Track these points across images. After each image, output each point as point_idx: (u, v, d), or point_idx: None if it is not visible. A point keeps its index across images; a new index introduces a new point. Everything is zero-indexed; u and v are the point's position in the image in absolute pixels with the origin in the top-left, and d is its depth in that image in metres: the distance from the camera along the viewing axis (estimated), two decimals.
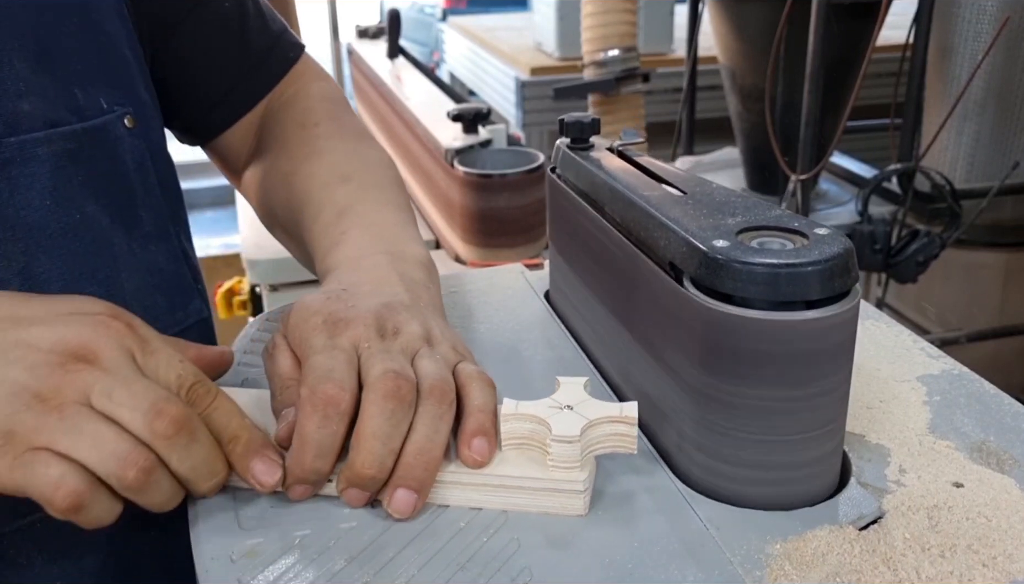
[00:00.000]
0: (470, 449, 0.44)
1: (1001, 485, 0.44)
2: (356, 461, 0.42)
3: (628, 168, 0.53)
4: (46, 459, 0.39)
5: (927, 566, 0.39)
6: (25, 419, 0.40)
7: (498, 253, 1.30)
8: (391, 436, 0.43)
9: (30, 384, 0.40)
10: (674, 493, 0.45)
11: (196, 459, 0.42)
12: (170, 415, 0.41)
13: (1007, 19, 1.79)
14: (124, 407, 0.41)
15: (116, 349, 0.43)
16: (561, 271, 0.62)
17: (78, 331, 0.43)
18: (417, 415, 0.44)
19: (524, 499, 0.44)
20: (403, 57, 2.12)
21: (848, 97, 1.85)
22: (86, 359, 0.42)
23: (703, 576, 0.39)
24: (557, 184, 0.59)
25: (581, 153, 0.56)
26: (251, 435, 0.44)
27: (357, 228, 0.59)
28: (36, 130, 0.52)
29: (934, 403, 0.52)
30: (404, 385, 0.43)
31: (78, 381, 0.41)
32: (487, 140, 1.38)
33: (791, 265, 0.39)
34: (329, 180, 0.64)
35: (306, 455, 0.43)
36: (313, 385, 0.43)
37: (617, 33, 2.05)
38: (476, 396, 0.46)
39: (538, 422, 0.43)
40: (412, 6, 5.72)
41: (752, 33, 2.05)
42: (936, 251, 1.81)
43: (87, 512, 0.40)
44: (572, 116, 0.58)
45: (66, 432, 0.40)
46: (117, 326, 0.44)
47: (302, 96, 0.71)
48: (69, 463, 0.39)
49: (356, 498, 0.44)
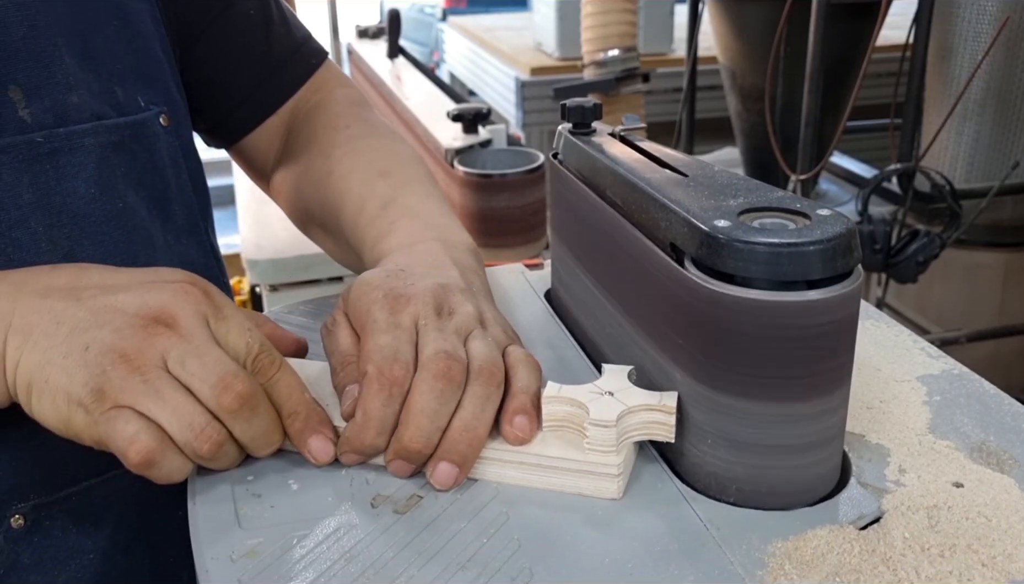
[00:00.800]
0: (512, 426, 0.46)
1: (1001, 485, 0.44)
2: (404, 435, 0.45)
3: (630, 152, 0.53)
4: (127, 416, 0.43)
5: (927, 566, 0.39)
6: (112, 378, 0.43)
7: (498, 253, 1.30)
8: (439, 413, 0.45)
9: (117, 344, 0.44)
10: (674, 493, 0.45)
11: (256, 430, 0.46)
12: (236, 390, 0.44)
13: (1007, 19, 1.79)
14: (195, 377, 0.44)
15: (192, 314, 0.46)
16: (562, 258, 0.62)
17: (159, 296, 0.46)
18: (466, 394, 0.46)
19: (560, 479, 0.45)
20: (403, 57, 2.12)
21: (848, 97, 1.85)
22: (166, 323, 0.45)
23: (702, 576, 0.39)
24: (559, 169, 0.59)
25: (583, 138, 0.56)
26: (309, 411, 0.47)
27: (405, 218, 0.61)
28: (83, 122, 0.55)
29: (934, 403, 0.52)
30: (455, 366, 0.45)
31: (158, 344, 0.44)
32: (487, 140, 1.38)
33: (793, 244, 0.39)
34: (368, 176, 0.66)
35: (369, 431, 0.45)
36: (380, 365, 0.45)
37: (617, 33, 2.05)
38: (522, 377, 0.48)
39: (577, 406, 0.45)
40: (412, 6, 5.72)
41: (752, 33, 2.05)
42: (936, 251, 1.81)
43: (158, 468, 0.43)
44: (574, 101, 0.58)
45: (148, 395, 0.43)
46: (195, 292, 0.47)
47: (329, 102, 0.74)
48: (146, 421, 0.43)
49: (402, 469, 0.46)
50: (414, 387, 0.45)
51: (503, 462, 0.46)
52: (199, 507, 0.45)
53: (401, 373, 0.45)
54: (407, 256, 0.56)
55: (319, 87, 0.75)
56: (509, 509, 0.44)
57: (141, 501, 0.59)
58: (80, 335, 0.44)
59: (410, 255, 0.56)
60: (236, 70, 0.71)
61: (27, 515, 0.54)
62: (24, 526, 0.54)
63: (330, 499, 0.45)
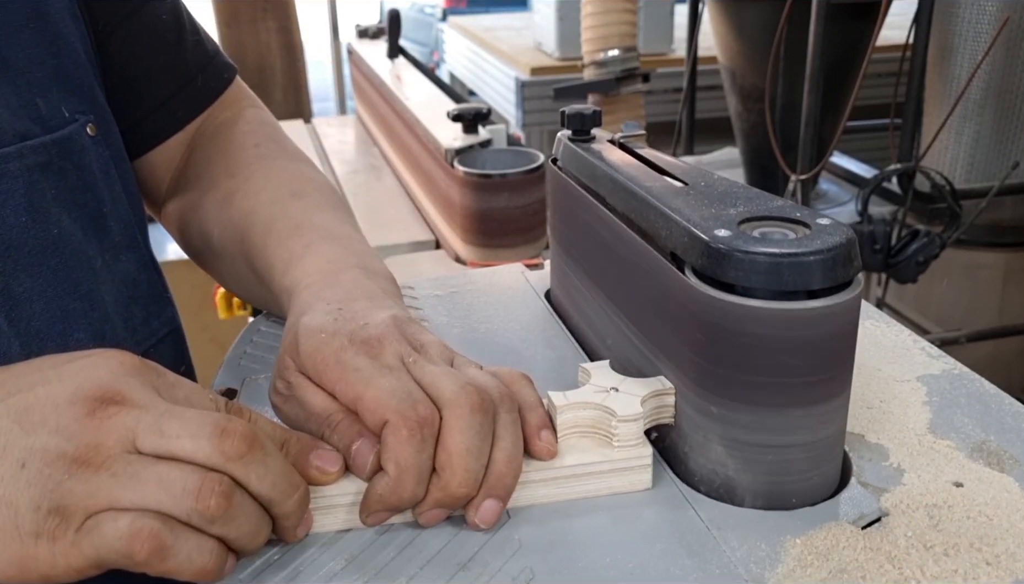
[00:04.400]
0: (541, 440, 0.44)
1: (1001, 484, 0.44)
2: (452, 481, 0.41)
3: (629, 160, 0.53)
4: (112, 516, 0.35)
5: (931, 564, 0.39)
6: (73, 488, 0.35)
7: (498, 253, 1.30)
8: (483, 450, 0.41)
9: (64, 448, 0.36)
10: (675, 493, 0.45)
11: (276, 473, 0.39)
12: (238, 432, 0.37)
13: (1007, 19, 1.79)
14: (183, 438, 0.37)
15: (140, 384, 0.39)
16: (562, 264, 0.62)
17: (92, 375, 0.38)
18: (498, 423, 0.43)
19: (592, 484, 0.45)
20: (403, 57, 2.12)
21: (848, 97, 1.85)
22: (114, 401, 0.38)
23: (704, 576, 0.39)
24: (558, 175, 0.59)
25: (582, 145, 0.56)
26: (299, 437, 0.42)
27: (323, 241, 0.56)
28: (6, 145, 0.50)
29: (934, 403, 0.52)
30: (486, 397, 0.42)
31: (117, 427, 0.37)
32: (487, 140, 1.38)
33: (793, 255, 0.39)
34: (279, 196, 0.61)
35: (407, 482, 0.41)
36: (402, 410, 0.41)
37: (617, 33, 2.05)
38: (528, 394, 0.46)
39: (597, 407, 0.45)
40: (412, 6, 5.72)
41: (752, 33, 2.05)
42: (936, 251, 1.81)
43: (175, 554, 0.36)
44: (573, 108, 0.58)
45: (125, 486, 0.36)
46: (129, 360, 0.40)
47: (239, 120, 0.68)
48: (135, 511, 0.36)
49: (438, 518, 0.42)
50: (450, 426, 0.41)
51: (532, 483, 0.44)
52: None
53: (427, 413, 0.41)
54: (333, 289, 0.50)
55: (229, 104, 0.69)
56: (510, 509, 0.44)
57: None
58: (6, 453, 0.36)
59: (336, 287, 0.51)
60: (146, 78, 0.64)
61: None
62: None
63: None
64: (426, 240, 1.50)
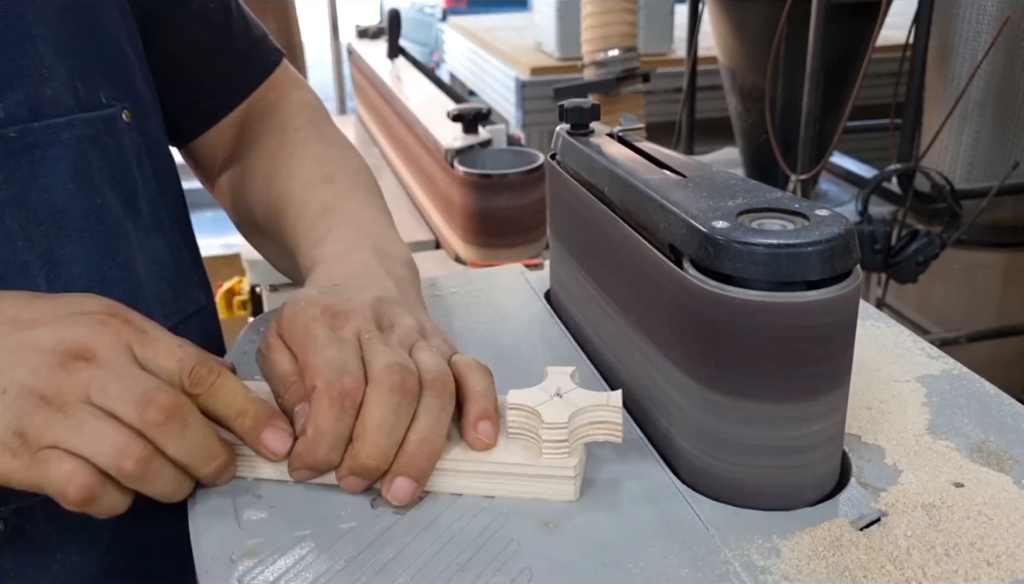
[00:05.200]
0: (476, 432, 0.45)
1: (1000, 484, 0.44)
2: (361, 452, 0.43)
3: (628, 153, 0.53)
4: (58, 456, 0.41)
5: (932, 564, 0.39)
6: (34, 420, 0.42)
7: (498, 253, 1.30)
8: (396, 428, 0.44)
9: (35, 386, 0.42)
10: (675, 493, 0.45)
11: (191, 444, 0.43)
12: (159, 403, 0.42)
13: (1007, 19, 1.79)
14: (118, 400, 0.42)
15: (113, 345, 0.44)
16: (561, 259, 0.62)
17: (75, 331, 0.44)
18: (420, 406, 0.45)
19: (517, 486, 0.45)
20: (403, 57, 2.12)
21: (848, 97, 1.85)
22: (84, 357, 0.44)
23: (703, 576, 0.39)
24: (557, 171, 0.59)
25: (581, 139, 0.56)
26: (258, 408, 0.46)
27: (343, 225, 0.60)
28: (59, 115, 0.54)
29: (934, 403, 0.52)
30: (409, 379, 0.44)
31: (79, 380, 0.43)
32: (487, 140, 1.38)
33: (791, 245, 0.39)
34: (312, 180, 0.65)
35: (321, 447, 0.44)
36: (330, 378, 0.44)
37: (617, 33, 2.05)
38: (476, 383, 0.47)
39: (529, 411, 0.45)
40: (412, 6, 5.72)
41: (752, 33, 2.05)
42: (936, 251, 1.81)
43: (99, 503, 0.42)
44: (572, 102, 0.58)
45: (70, 430, 0.41)
46: (114, 323, 0.45)
47: (283, 102, 0.72)
48: (78, 459, 0.41)
49: (355, 485, 0.45)
50: (368, 401, 0.44)
51: (457, 473, 0.45)
52: (199, 507, 0.45)
53: (352, 385, 0.44)
54: (340, 268, 0.54)
55: (275, 87, 0.73)
56: (509, 510, 0.44)
57: None
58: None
59: (344, 267, 0.55)
60: (196, 64, 0.69)
61: (7, 520, 0.53)
62: (5, 531, 0.53)
63: (330, 499, 0.45)
64: (426, 240, 1.50)
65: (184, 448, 0.43)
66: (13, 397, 0.42)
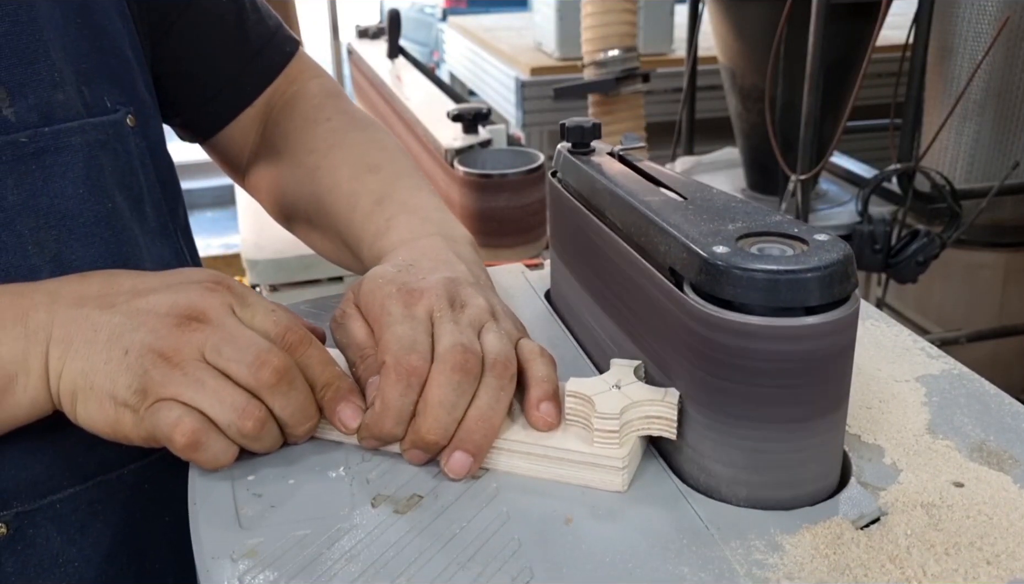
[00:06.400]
0: (539, 411, 0.47)
1: (1000, 483, 0.44)
2: (423, 426, 0.45)
3: (629, 173, 0.53)
4: (170, 405, 0.44)
5: (933, 564, 0.39)
6: (154, 376, 0.45)
7: (498, 253, 1.30)
8: (456, 405, 0.46)
9: (155, 344, 0.46)
10: (675, 493, 0.45)
11: (295, 405, 0.47)
12: (272, 365, 0.46)
13: (1007, 19, 1.79)
14: (232, 361, 0.45)
15: (219, 306, 0.48)
16: (561, 275, 0.62)
17: (187, 295, 0.48)
18: (481, 385, 0.46)
19: (567, 471, 0.46)
20: (403, 57, 2.12)
21: (848, 97, 1.84)
22: (197, 318, 0.47)
23: (704, 576, 0.39)
24: (557, 188, 0.59)
25: (582, 157, 0.56)
26: (340, 382, 0.49)
27: (403, 214, 0.61)
28: (70, 120, 0.55)
29: (934, 403, 0.52)
30: (471, 359, 0.46)
31: (193, 339, 0.46)
32: (487, 140, 1.38)
33: (791, 271, 0.39)
34: (357, 170, 0.66)
35: (387, 420, 0.46)
36: (399, 355, 0.46)
37: (617, 33, 2.04)
38: (539, 369, 0.49)
39: (584, 399, 0.45)
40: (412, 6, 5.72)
41: (752, 33, 2.05)
42: (936, 251, 1.81)
43: (204, 450, 0.45)
44: (573, 120, 0.58)
45: (189, 385, 0.45)
46: (219, 289, 0.49)
47: (306, 94, 0.72)
48: (188, 408, 0.44)
49: (418, 457, 0.47)
50: (431, 379, 0.46)
51: (512, 452, 0.47)
52: (199, 507, 0.45)
53: (418, 363, 0.46)
54: (412, 251, 0.57)
55: (294, 77, 0.73)
56: (510, 509, 0.44)
57: (126, 507, 0.58)
58: (118, 340, 0.46)
59: (415, 250, 0.57)
60: (211, 61, 0.69)
61: (10, 523, 0.53)
62: (7, 534, 0.53)
63: (330, 499, 0.45)
64: None
65: (289, 408, 0.46)
66: (136, 356, 0.45)
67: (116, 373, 0.45)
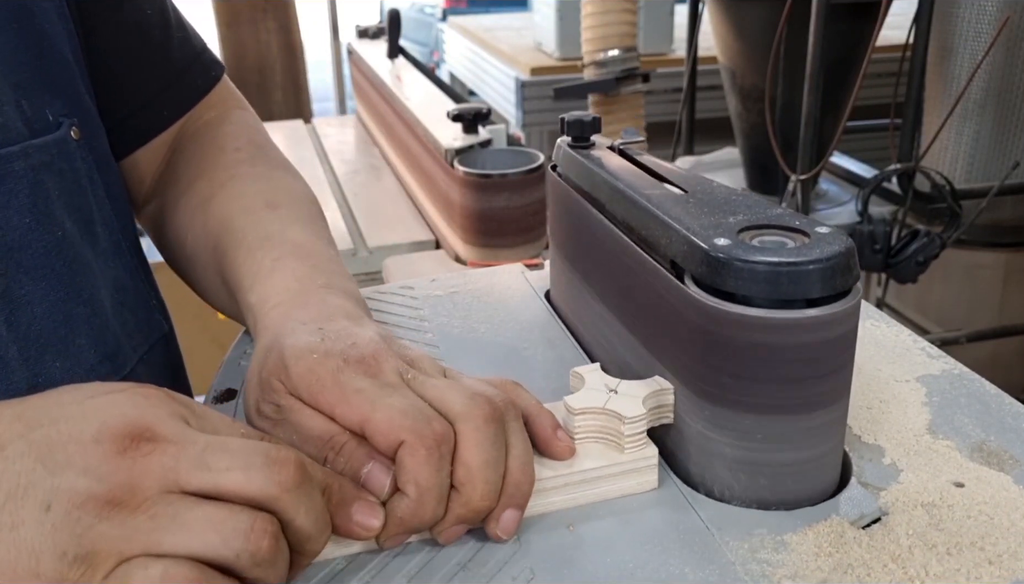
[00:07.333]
0: (560, 440, 0.44)
1: (1000, 483, 0.44)
2: (474, 496, 0.40)
3: (629, 167, 0.53)
4: (143, 563, 0.32)
5: (935, 563, 0.39)
6: (105, 532, 0.32)
7: (498, 253, 1.30)
8: (499, 461, 0.41)
9: (95, 489, 0.33)
10: (675, 493, 0.45)
11: (319, 507, 0.37)
12: (291, 460, 0.35)
13: (1007, 19, 1.79)
14: (233, 470, 0.34)
15: (168, 416, 0.36)
16: (561, 270, 0.62)
17: (118, 411, 0.35)
18: (509, 432, 0.42)
19: (600, 488, 0.44)
20: (403, 57, 2.12)
21: (848, 97, 1.85)
22: (144, 437, 0.34)
23: (704, 576, 0.39)
24: (558, 182, 0.59)
25: (582, 152, 0.56)
26: (340, 481, 0.39)
27: (291, 257, 0.54)
28: (11, 144, 0.49)
29: (934, 403, 0.52)
30: (496, 406, 0.41)
31: (154, 466, 0.34)
32: (487, 140, 1.38)
33: (792, 263, 0.39)
34: (253, 205, 0.59)
35: (429, 503, 0.39)
36: (417, 429, 0.39)
37: (617, 33, 2.05)
38: (526, 399, 0.45)
39: (603, 412, 0.45)
40: (412, 6, 5.73)
41: (752, 33, 2.05)
42: (936, 251, 1.81)
43: None
44: (573, 115, 0.58)
45: (166, 530, 0.33)
46: (154, 393, 0.37)
47: (223, 121, 0.67)
48: (171, 558, 0.32)
49: (458, 535, 0.41)
50: (465, 439, 0.40)
51: (548, 490, 0.43)
52: None
53: (443, 429, 0.39)
54: (307, 311, 0.48)
55: (215, 104, 0.67)
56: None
57: None
58: (28, 495, 0.32)
59: (306, 308, 0.49)
60: (132, 74, 0.62)
61: None
62: None
63: None
64: (426, 240, 1.50)
65: (313, 513, 0.36)
66: (64, 512, 0.32)
67: (36, 543, 0.32)
